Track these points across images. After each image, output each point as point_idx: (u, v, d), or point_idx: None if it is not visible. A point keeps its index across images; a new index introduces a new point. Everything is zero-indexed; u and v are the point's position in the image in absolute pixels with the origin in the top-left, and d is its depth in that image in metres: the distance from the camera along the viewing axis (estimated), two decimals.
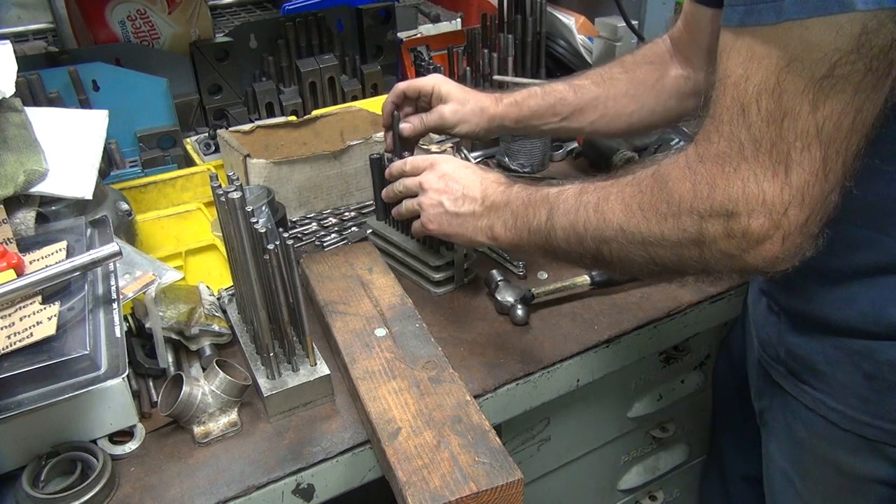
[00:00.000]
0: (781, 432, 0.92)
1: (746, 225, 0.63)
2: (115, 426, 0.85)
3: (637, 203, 0.71)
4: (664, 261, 0.71)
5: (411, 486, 0.73)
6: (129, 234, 1.10)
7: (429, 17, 1.93)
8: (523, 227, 0.85)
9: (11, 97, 1.01)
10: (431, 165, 0.98)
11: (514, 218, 0.86)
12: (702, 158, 0.65)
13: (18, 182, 0.92)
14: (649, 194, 0.70)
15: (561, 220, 0.79)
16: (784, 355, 0.88)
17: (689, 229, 0.67)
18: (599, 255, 0.76)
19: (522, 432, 1.11)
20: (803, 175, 0.60)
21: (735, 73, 0.62)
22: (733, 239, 0.65)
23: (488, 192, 0.91)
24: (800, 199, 0.61)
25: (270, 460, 0.84)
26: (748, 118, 0.61)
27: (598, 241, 0.75)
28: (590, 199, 0.77)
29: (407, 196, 1.01)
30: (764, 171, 0.61)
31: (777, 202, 0.62)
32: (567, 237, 0.79)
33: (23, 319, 0.76)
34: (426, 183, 0.97)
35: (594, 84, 1.10)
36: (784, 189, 0.61)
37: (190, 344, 0.96)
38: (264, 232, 0.81)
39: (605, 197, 0.75)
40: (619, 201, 0.73)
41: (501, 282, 1.07)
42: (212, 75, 1.55)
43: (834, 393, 0.81)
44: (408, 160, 1.02)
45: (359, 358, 0.92)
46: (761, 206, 0.62)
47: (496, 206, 0.89)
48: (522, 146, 1.41)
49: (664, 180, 0.69)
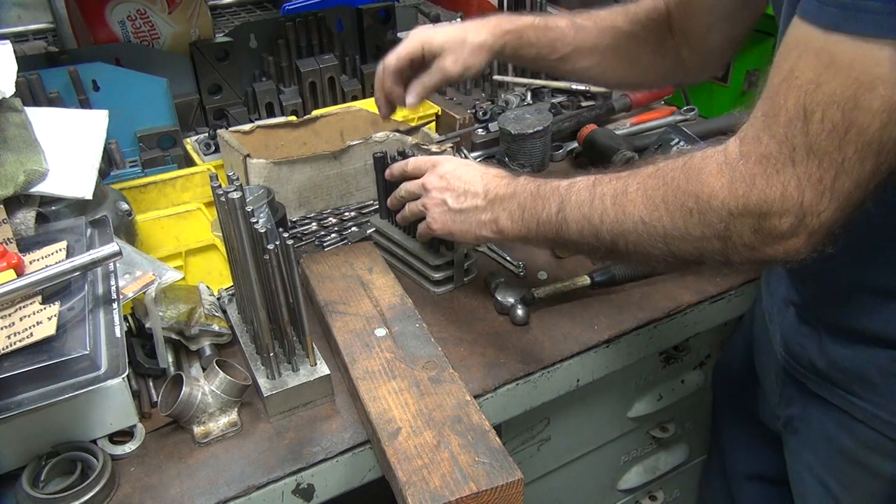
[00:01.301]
0: (818, 441, 0.91)
1: (777, 224, 0.62)
2: (115, 426, 0.85)
3: (661, 196, 0.69)
4: (684, 254, 0.70)
5: (411, 486, 0.73)
6: (129, 234, 1.10)
7: (429, 17, 1.93)
8: (531, 219, 0.83)
9: (11, 97, 1.01)
10: (433, 166, 0.97)
11: (521, 210, 0.85)
12: (745, 157, 0.63)
13: (18, 182, 0.92)
14: (675, 187, 0.68)
15: (573, 213, 0.77)
16: (825, 367, 0.86)
17: (716, 225, 0.65)
18: (615, 248, 0.75)
19: (522, 432, 1.11)
20: (849, 185, 0.60)
21: (805, 76, 0.59)
22: (759, 234, 0.64)
23: (490, 185, 0.90)
24: (837, 204, 0.61)
25: (270, 460, 0.84)
26: (810, 125, 0.59)
27: (614, 234, 0.74)
28: (606, 191, 0.75)
29: (410, 200, 1.01)
30: (809, 177, 0.60)
31: (814, 207, 0.61)
32: (580, 229, 0.77)
33: (23, 319, 0.76)
34: (428, 183, 0.96)
35: (597, 28, 1.06)
36: (824, 195, 0.60)
37: (190, 344, 0.96)
38: (264, 232, 0.81)
39: (623, 189, 0.73)
40: (641, 193, 0.71)
41: (501, 282, 1.07)
42: (212, 75, 1.55)
43: (888, 405, 0.80)
44: (409, 161, 1.01)
45: (359, 358, 0.92)
46: (797, 209, 0.61)
47: (500, 199, 0.88)
48: (522, 146, 1.41)
49: (697, 173, 0.67)
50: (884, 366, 0.80)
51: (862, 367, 0.82)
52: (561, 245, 0.81)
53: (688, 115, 1.54)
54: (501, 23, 1.05)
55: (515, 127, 1.39)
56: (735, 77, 1.51)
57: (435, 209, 0.95)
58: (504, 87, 1.71)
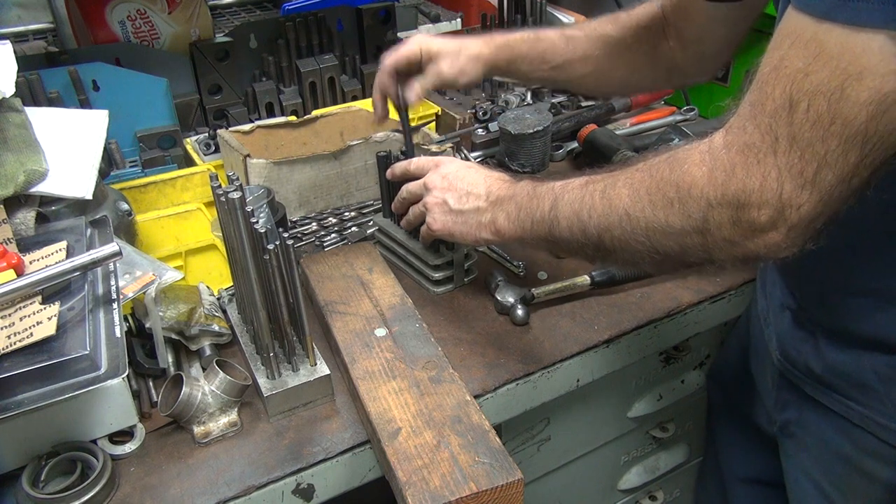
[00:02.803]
0: (815, 446, 0.90)
1: (756, 216, 0.61)
2: (115, 426, 0.85)
3: (645, 187, 0.69)
4: (666, 249, 0.69)
5: (411, 486, 0.73)
6: (129, 234, 1.10)
7: (429, 17, 1.93)
8: (526, 218, 0.84)
9: (11, 97, 1.01)
10: (436, 166, 0.97)
11: (517, 210, 0.85)
12: (728, 146, 0.63)
13: (18, 182, 0.92)
14: (658, 178, 0.68)
15: (565, 210, 0.78)
16: (822, 371, 0.86)
17: (695, 216, 0.65)
18: (601, 244, 0.75)
19: (522, 432, 1.11)
20: (831, 178, 0.58)
21: (793, 66, 0.58)
22: (738, 227, 0.63)
23: (493, 188, 0.90)
24: (818, 198, 0.59)
25: (270, 460, 0.84)
26: (794, 115, 0.58)
27: (600, 230, 0.74)
28: (596, 187, 0.75)
29: (413, 201, 1.01)
30: (790, 168, 0.59)
31: (793, 199, 0.60)
32: (570, 226, 0.77)
33: (23, 319, 0.76)
34: (430, 183, 0.96)
35: (587, 38, 1.07)
36: (805, 188, 0.59)
37: (190, 344, 0.96)
38: (264, 232, 0.81)
39: (612, 183, 0.73)
40: (628, 186, 0.71)
41: (501, 282, 1.07)
42: (212, 75, 1.55)
43: (887, 411, 0.80)
44: (412, 161, 1.01)
45: (359, 358, 0.92)
46: (776, 200, 0.60)
47: (500, 201, 0.88)
48: (522, 146, 1.41)
49: (680, 163, 0.67)
50: (881, 370, 0.79)
51: (859, 372, 0.81)
52: (553, 244, 0.81)
53: (688, 115, 1.54)
54: (494, 38, 1.07)
55: (515, 127, 1.39)
56: (735, 77, 1.51)
57: (436, 209, 0.95)
58: (504, 87, 1.71)
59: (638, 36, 1.06)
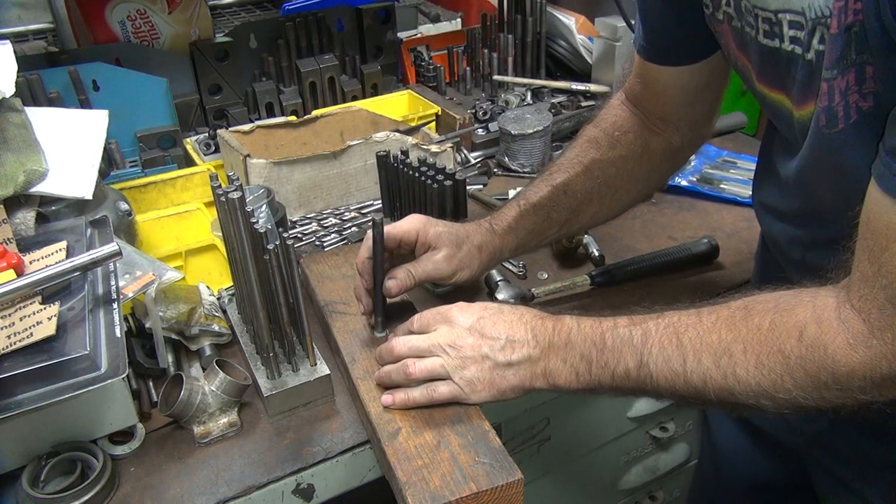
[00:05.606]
0: (855, 456, 0.87)
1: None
2: (115, 426, 0.85)
3: (783, 367, 0.65)
4: (807, 409, 0.67)
5: (411, 486, 0.73)
6: (129, 234, 1.10)
7: (429, 16, 1.93)
8: (602, 373, 0.76)
9: (11, 97, 1.01)
10: (445, 319, 0.83)
11: (586, 363, 0.76)
12: (874, 331, 0.61)
13: (18, 182, 0.92)
14: (798, 360, 0.65)
15: (660, 368, 0.72)
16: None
17: (861, 397, 0.63)
18: (721, 403, 0.71)
19: (522, 432, 1.11)
20: None
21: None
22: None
23: (538, 329, 0.80)
24: None
25: (270, 460, 0.84)
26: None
27: (722, 394, 0.69)
28: (699, 347, 0.70)
29: (412, 357, 0.83)
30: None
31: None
32: (670, 385, 0.72)
33: (23, 319, 0.76)
34: (455, 341, 0.80)
35: (581, 178, 0.99)
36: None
37: (190, 344, 0.96)
38: (264, 232, 0.81)
39: (725, 350, 0.68)
40: (754, 364, 0.67)
41: (501, 282, 1.07)
42: (212, 75, 1.55)
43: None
44: (413, 319, 0.86)
45: (359, 358, 0.92)
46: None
47: (555, 348, 0.78)
48: (522, 146, 1.41)
49: (822, 348, 0.63)
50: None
51: None
52: (639, 393, 0.77)
53: None
54: (494, 223, 0.98)
55: (515, 127, 1.39)
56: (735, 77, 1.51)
57: (472, 367, 0.80)
58: (504, 87, 1.71)
59: (626, 144, 1.00)
